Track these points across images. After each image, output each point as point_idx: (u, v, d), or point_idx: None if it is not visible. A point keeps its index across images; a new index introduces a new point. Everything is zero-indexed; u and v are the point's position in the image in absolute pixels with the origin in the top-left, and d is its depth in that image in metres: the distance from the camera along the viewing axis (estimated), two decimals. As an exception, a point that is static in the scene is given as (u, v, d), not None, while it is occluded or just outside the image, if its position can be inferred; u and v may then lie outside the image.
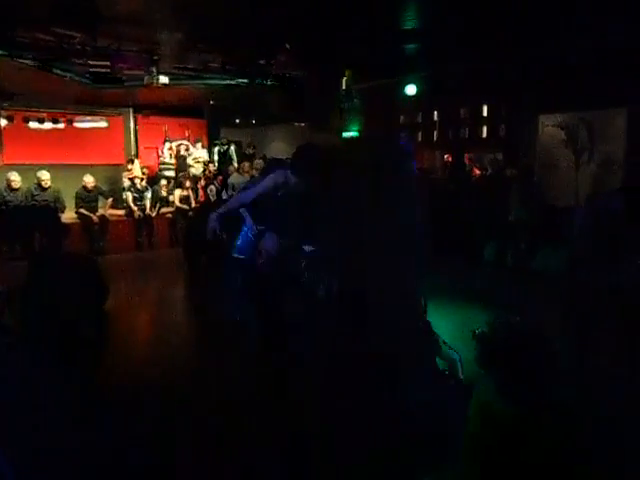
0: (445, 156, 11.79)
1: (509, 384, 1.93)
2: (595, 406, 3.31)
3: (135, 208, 10.52)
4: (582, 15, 6.80)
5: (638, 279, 3.83)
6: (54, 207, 9.31)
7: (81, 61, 8.32)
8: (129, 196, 10.60)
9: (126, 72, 9.06)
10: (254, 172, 11.66)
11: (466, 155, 11.22)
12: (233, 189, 10.66)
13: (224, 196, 10.87)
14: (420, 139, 12.67)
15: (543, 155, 10.09)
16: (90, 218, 9.82)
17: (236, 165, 12.03)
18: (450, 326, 4.44)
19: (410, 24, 7.71)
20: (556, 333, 3.82)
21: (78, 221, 9.84)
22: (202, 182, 11.37)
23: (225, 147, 12.64)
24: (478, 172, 10.32)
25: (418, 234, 4.13)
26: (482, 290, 6.19)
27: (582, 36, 7.47)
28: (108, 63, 8.47)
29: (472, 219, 8.84)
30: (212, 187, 10.98)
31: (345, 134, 14.04)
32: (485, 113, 11.32)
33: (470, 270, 7.52)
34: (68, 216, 9.82)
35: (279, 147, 15.07)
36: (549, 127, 9.71)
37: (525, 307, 4.73)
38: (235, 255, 6.13)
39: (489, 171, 10.20)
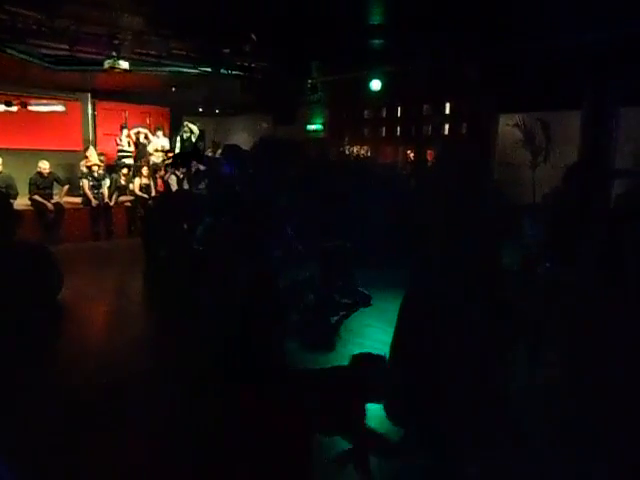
0: (408, 152, 11.94)
1: None
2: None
3: (92, 196, 10.24)
4: (541, 16, 6.98)
5: (590, 274, 4.00)
6: (6, 193, 8.95)
7: (37, 42, 8.00)
8: (86, 184, 10.30)
9: (85, 55, 8.76)
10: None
11: (429, 152, 11.38)
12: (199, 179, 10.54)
13: (185, 186, 10.72)
14: (384, 134, 12.79)
15: (501, 153, 10.37)
16: (45, 205, 9.50)
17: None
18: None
19: (375, 19, 7.75)
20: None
21: (32, 208, 9.50)
22: (161, 172, 11.15)
23: (188, 134, 12.41)
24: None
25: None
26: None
27: (541, 37, 7.66)
28: (66, 45, 8.17)
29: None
30: (173, 177, 10.79)
31: (309, 127, 14.05)
32: (448, 111, 11.52)
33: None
34: (21, 203, 9.47)
35: (242, 138, 14.94)
36: (508, 126, 9.97)
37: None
38: (195, 246, 6.09)
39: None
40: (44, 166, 9.73)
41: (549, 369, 4.00)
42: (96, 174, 10.45)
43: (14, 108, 11.02)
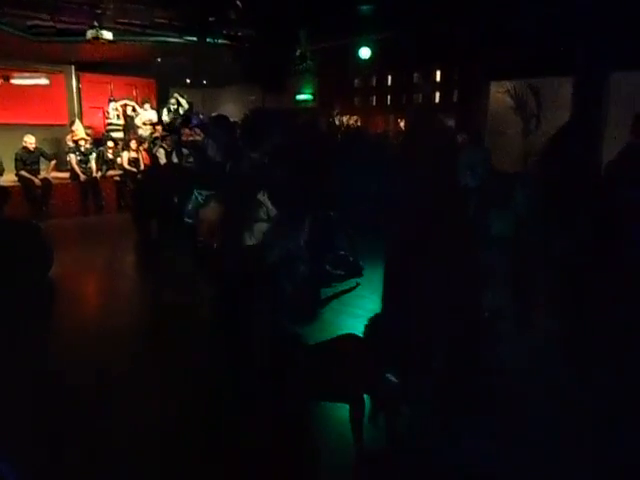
0: (398, 121, 11.84)
1: None
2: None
3: (80, 170, 10.11)
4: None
5: (579, 243, 4.03)
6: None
7: (17, 12, 7.77)
8: (73, 158, 10.14)
9: (67, 26, 8.53)
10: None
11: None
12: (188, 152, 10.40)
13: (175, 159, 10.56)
14: (374, 104, 12.65)
15: (493, 121, 10.30)
16: (32, 181, 9.37)
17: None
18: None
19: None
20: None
21: (19, 184, 9.38)
22: (145, 144, 10.93)
23: (175, 106, 12.20)
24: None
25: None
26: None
27: (532, 3, 7.55)
28: (47, 16, 7.95)
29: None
30: (160, 150, 10.64)
31: (299, 97, 13.86)
32: (438, 78, 11.39)
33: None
34: (8, 179, 9.34)
35: (232, 109, 14.73)
36: (499, 94, 9.87)
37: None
38: (186, 220, 6.03)
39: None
40: (30, 141, 9.56)
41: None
42: (83, 148, 10.30)
43: (-4, 82, 10.79)
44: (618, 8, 7.13)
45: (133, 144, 10.72)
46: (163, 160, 10.45)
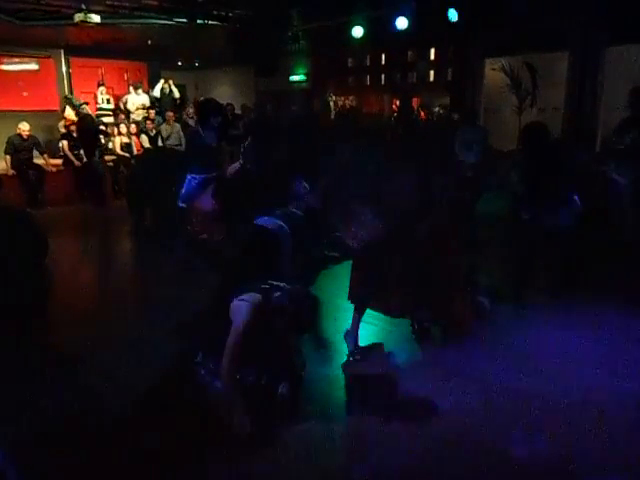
0: (393, 100, 11.75)
1: None
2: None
3: (72, 157, 10.02)
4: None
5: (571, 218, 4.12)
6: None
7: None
8: (65, 144, 10.03)
9: (54, 9, 8.38)
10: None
11: (414, 99, 11.20)
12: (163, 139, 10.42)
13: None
14: (368, 83, 12.54)
15: (488, 99, 10.22)
16: (25, 168, 9.29)
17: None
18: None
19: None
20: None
21: (12, 172, 9.28)
22: (132, 129, 10.80)
23: (167, 89, 12.05)
24: (424, 116, 10.35)
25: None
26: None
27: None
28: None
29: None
30: (144, 136, 10.54)
31: (292, 77, 13.72)
32: (432, 57, 11.27)
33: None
34: (0, 167, 9.25)
35: (225, 91, 14.59)
36: (494, 71, 9.78)
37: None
38: (180, 204, 6.01)
39: (436, 115, 10.26)
40: (24, 128, 9.43)
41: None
42: (75, 134, 10.20)
43: (-16, 68, 10.64)
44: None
45: (124, 129, 10.61)
46: (147, 145, 10.38)
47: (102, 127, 10.91)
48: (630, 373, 3.39)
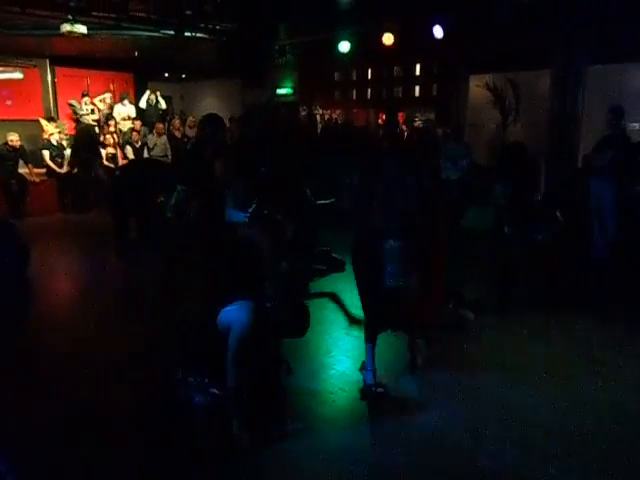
0: (379, 115, 11.85)
1: None
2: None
3: (54, 166, 9.95)
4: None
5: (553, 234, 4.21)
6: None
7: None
8: (46, 154, 9.96)
9: (40, 19, 8.36)
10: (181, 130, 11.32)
11: (400, 114, 11.30)
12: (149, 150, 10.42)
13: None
14: (354, 97, 12.63)
15: (473, 115, 10.36)
16: (9, 178, 9.20)
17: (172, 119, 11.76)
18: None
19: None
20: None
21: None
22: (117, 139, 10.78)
23: (154, 100, 12.03)
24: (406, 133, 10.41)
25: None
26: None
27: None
28: (18, 8, 7.78)
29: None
30: (128, 147, 10.50)
31: (279, 90, 13.78)
32: (418, 72, 11.40)
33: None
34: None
35: (211, 104, 14.59)
36: (478, 87, 9.93)
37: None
38: (168, 215, 5.96)
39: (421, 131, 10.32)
40: (14, 138, 9.36)
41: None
42: (56, 143, 10.13)
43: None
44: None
45: (109, 139, 10.56)
46: (131, 156, 10.36)
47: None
48: (612, 384, 3.45)
